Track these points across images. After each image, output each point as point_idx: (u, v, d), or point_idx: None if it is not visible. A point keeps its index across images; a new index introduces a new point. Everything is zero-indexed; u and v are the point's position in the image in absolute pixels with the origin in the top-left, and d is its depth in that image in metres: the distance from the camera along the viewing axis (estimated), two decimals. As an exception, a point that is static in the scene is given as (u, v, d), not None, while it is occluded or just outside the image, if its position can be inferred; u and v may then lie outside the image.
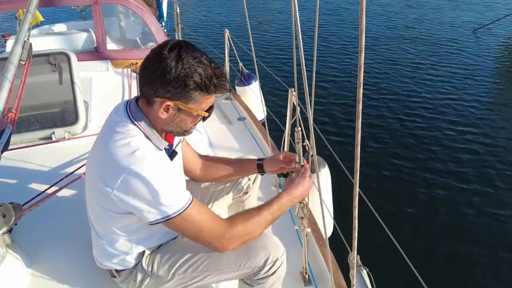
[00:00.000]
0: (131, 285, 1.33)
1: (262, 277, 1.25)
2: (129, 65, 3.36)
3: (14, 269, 1.40)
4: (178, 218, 1.12)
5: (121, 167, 1.07)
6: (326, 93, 5.98)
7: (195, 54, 1.07)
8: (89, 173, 1.21)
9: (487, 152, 4.54)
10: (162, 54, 1.05)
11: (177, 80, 1.05)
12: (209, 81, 1.08)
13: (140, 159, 1.07)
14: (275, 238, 1.29)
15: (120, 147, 1.09)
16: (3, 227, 1.27)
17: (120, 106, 1.21)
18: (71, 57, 2.49)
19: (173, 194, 1.12)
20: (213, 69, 1.09)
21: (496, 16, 9.56)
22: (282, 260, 1.27)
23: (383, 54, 7.60)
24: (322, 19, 9.73)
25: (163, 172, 1.11)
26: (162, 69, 1.05)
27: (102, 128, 1.23)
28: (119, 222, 1.20)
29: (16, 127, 1.90)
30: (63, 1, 3.28)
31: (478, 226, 3.48)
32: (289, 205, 1.33)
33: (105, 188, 1.10)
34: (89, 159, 1.24)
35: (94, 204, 1.21)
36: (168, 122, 1.15)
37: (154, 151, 1.14)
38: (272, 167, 1.51)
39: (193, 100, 1.10)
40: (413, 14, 10.54)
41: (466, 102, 5.76)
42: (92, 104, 2.64)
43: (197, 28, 9.19)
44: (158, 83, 1.06)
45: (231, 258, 1.24)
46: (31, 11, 1.75)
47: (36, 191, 1.83)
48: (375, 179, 4.04)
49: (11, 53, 1.60)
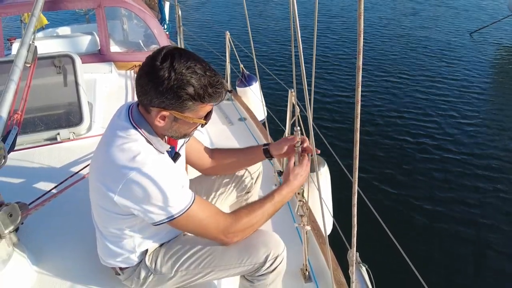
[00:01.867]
0: (134, 283, 1.33)
1: (262, 273, 1.25)
2: (132, 67, 3.36)
3: (21, 267, 1.40)
4: (182, 217, 1.13)
5: (123, 172, 1.07)
6: (326, 93, 5.98)
7: (188, 63, 1.04)
8: (92, 175, 1.21)
9: (485, 151, 4.54)
10: (155, 65, 1.03)
11: (170, 92, 1.03)
12: (203, 91, 1.05)
13: (141, 164, 1.07)
14: (275, 235, 1.29)
15: (121, 151, 1.09)
16: (9, 226, 1.27)
17: (122, 110, 1.20)
18: (76, 59, 2.49)
19: (175, 194, 1.11)
20: (208, 78, 1.06)
21: (492, 19, 9.55)
22: (283, 256, 1.27)
23: (381, 55, 7.59)
24: (321, 21, 9.73)
25: (165, 175, 1.10)
26: (154, 80, 1.03)
27: (105, 131, 1.23)
28: (122, 223, 1.20)
29: (22, 128, 1.90)
30: (67, 4, 3.28)
31: (477, 224, 3.47)
32: (289, 196, 1.35)
33: (107, 192, 1.10)
34: (93, 161, 1.24)
35: (97, 206, 1.21)
36: (166, 129, 1.15)
37: (156, 155, 1.14)
38: (279, 150, 1.47)
39: (189, 109, 1.09)
40: (410, 16, 10.53)
41: (463, 102, 5.76)
42: (96, 105, 2.65)
43: (198, 30, 9.20)
44: (152, 93, 1.05)
45: (233, 255, 1.24)
46: (36, 15, 1.75)
47: (41, 190, 1.83)
48: (374, 178, 4.03)
49: (17, 56, 1.60)
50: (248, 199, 1.69)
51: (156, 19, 3.94)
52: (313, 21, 1.20)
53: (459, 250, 3.21)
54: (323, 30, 9.12)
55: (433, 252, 3.18)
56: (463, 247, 3.24)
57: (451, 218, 3.55)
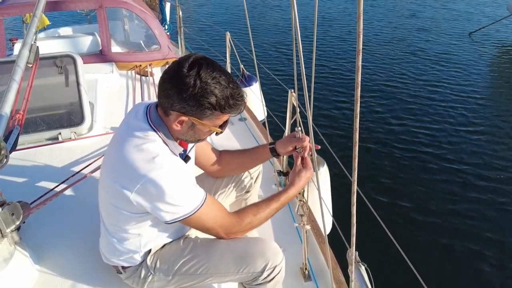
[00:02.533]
0: (135, 282, 1.33)
1: (260, 283, 1.25)
2: (133, 67, 3.36)
3: (22, 266, 1.40)
4: (194, 215, 1.16)
5: (142, 172, 1.08)
6: (325, 93, 5.98)
7: (214, 74, 1.06)
8: (104, 173, 1.21)
9: (482, 149, 4.55)
10: (181, 71, 1.04)
11: (193, 99, 1.05)
12: (225, 102, 1.08)
13: (159, 166, 1.09)
14: (274, 244, 1.28)
15: (139, 151, 1.10)
16: (11, 225, 1.27)
17: (139, 111, 1.20)
18: (77, 59, 2.50)
19: (189, 195, 1.15)
20: (230, 90, 1.08)
21: (492, 19, 9.56)
22: (281, 266, 1.26)
23: (380, 55, 7.59)
24: (321, 23, 9.73)
25: (180, 176, 1.13)
26: (179, 86, 1.04)
27: (119, 130, 1.23)
28: (131, 221, 1.21)
29: (24, 128, 1.90)
30: (69, 5, 3.29)
31: (475, 222, 3.48)
32: (294, 197, 1.40)
33: (123, 190, 1.10)
34: (105, 159, 1.24)
35: (107, 203, 1.21)
36: (182, 133, 1.16)
37: (171, 156, 1.16)
38: (285, 147, 1.48)
39: (208, 117, 1.11)
40: (409, 16, 10.53)
41: (461, 101, 5.76)
42: (97, 105, 2.65)
43: (199, 31, 9.19)
44: (175, 98, 1.07)
45: (230, 263, 1.24)
46: (37, 15, 1.75)
47: (43, 190, 1.83)
48: (373, 178, 4.04)
49: (19, 56, 1.60)
50: (247, 198, 1.69)
51: (157, 19, 3.94)
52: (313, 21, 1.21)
53: (458, 249, 3.21)
54: (323, 31, 9.12)
55: (432, 251, 3.18)
56: (462, 246, 3.24)
57: (450, 217, 3.55)
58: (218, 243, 1.28)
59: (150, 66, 3.39)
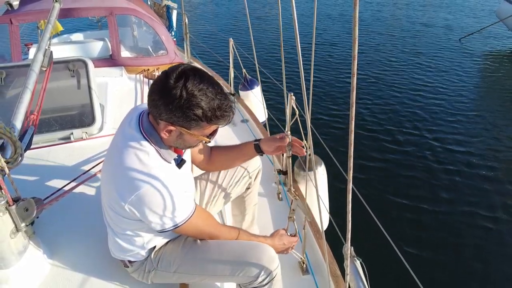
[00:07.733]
0: (140, 275, 1.34)
1: (255, 286, 1.23)
2: (141, 71, 3.36)
3: (36, 258, 1.41)
4: (184, 225, 1.17)
5: (136, 184, 1.07)
6: (323, 96, 5.97)
7: (201, 85, 1.02)
8: (104, 178, 1.21)
9: (476, 149, 4.54)
10: (168, 82, 1.01)
11: (179, 110, 1.02)
12: (211, 113, 1.04)
13: (153, 178, 1.08)
14: (270, 250, 1.25)
15: (134, 163, 1.09)
16: (26, 219, 1.28)
17: (133, 117, 1.19)
18: (88, 63, 2.50)
19: (181, 206, 1.14)
20: (218, 101, 1.04)
21: (482, 25, 9.54)
22: (276, 272, 1.24)
23: (375, 60, 7.58)
24: (320, 27, 9.72)
25: (173, 188, 1.11)
26: (166, 97, 1.01)
27: (116, 134, 1.22)
28: (131, 225, 1.21)
29: (38, 128, 1.91)
30: (81, 12, 3.29)
31: (470, 219, 3.47)
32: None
33: (119, 199, 1.11)
34: (105, 163, 1.24)
35: (108, 207, 1.21)
36: (171, 142, 1.14)
37: (165, 167, 1.14)
38: (269, 146, 1.48)
39: (195, 127, 1.08)
40: (402, 22, 10.51)
41: (452, 103, 5.76)
42: (107, 107, 2.66)
43: (204, 37, 9.20)
44: (162, 108, 1.04)
45: (227, 266, 1.23)
46: (51, 22, 1.76)
47: (56, 187, 1.84)
48: (368, 176, 4.03)
49: (33, 60, 1.61)
50: (248, 195, 1.69)
51: (164, 26, 3.94)
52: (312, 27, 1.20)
53: (451, 245, 3.19)
54: (322, 36, 9.10)
55: (424, 246, 3.17)
56: (455, 242, 3.22)
57: (443, 213, 3.54)
58: (217, 245, 1.28)
59: (157, 70, 3.39)
